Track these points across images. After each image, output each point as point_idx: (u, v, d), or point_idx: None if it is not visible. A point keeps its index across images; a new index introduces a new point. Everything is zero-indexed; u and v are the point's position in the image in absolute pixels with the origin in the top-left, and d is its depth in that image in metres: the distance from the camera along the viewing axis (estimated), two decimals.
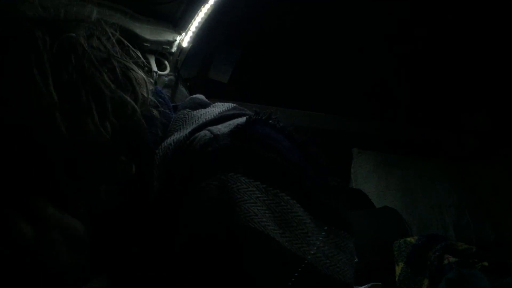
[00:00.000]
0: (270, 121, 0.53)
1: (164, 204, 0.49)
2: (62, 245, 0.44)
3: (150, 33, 1.34)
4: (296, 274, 0.43)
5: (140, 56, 0.55)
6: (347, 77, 2.08)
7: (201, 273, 0.45)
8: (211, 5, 1.33)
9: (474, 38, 1.98)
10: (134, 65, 0.52)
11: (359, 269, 1.50)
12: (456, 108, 2.26)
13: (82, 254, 0.45)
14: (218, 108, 0.58)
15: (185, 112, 0.57)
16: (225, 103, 0.60)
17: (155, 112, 0.54)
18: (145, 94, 0.51)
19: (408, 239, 1.55)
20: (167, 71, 1.45)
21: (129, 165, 0.48)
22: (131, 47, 0.54)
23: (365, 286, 1.33)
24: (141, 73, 0.52)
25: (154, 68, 1.39)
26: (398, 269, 1.49)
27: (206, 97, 0.63)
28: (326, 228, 0.47)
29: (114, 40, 0.51)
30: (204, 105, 0.60)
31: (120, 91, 0.47)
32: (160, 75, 1.43)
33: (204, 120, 0.53)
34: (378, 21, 1.88)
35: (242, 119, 0.51)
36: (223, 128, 0.50)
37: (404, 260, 1.49)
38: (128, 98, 0.48)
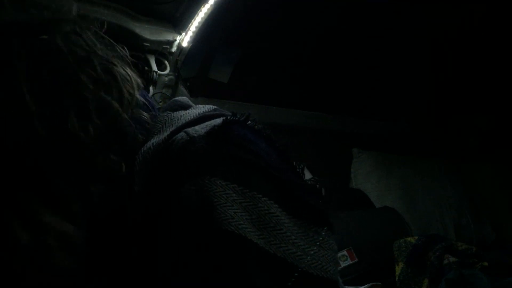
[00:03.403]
0: (248, 122, 0.53)
1: (148, 208, 0.49)
2: (57, 250, 0.44)
3: (150, 33, 1.34)
4: (276, 274, 0.43)
5: (126, 51, 0.53)
6: (347, 77, 2.08)
7: (191, 277, 0.45)
8: (211, 5, 1.33)
9: (474, 38, 1.98)
10: (120, 61, 0.51)
11: (359, 269, 1.50)
12: (456, 108, 2.27)
13: (78, 259, 0.45)
14: (199, 109, 0.57)
15: (165, 114, 0.56)
16: (207, 105, 0.60)
17: (146, 115, 0.53)
18: (131, 91, 0.50)
19: (408, 239, 1.55)
20: (167, 71, 1.45)
21: (119, 164, 0.47)
22: (114, 43, 0.52)
23: (365, 286, 1.33)
24: (126, 70, 0.50)
25: (154, 68, 1.39)
26: (398, 269, 1.49)
27: (206, 97, 0.63)
28: (305, 226, 0.47)
29: (93, 37, 0.49)
30: (185, 107, 0.59)
31: (101, 92, 0.46)
32: (160, 75, 1.43)
33: (184, 122, 0.53)
34: (379, 21, 1.88)
35: (219, 120, 0.51)
36: (200, 129, 0.50)
37: (404, 260, 1.49)
38: (109, 98, 0.46)
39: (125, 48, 0.53)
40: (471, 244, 1.62)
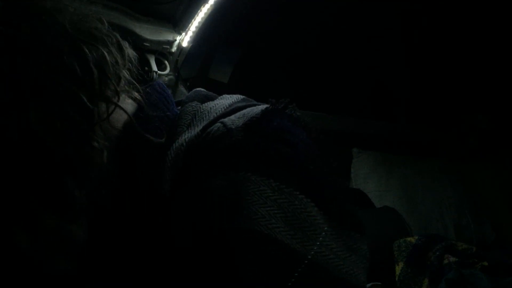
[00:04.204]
0: (287, 111, 0.51)
1: (168, 203, 0.48)
2: (57, 251, 0.43)
3: (150, 33, 1.34)
4: (308, 276, 0.42)
5: (104, 25, 0.49)
6: (347, 77, 2.08)
7: (205, 274, 0.44)
8: (211, 5, 1.33)
9: (474, 38, 1.98)
10: (98, 40, 0.47)
11: None
12: (456, 108, 2.26)
13: (78, 259, 0.44)
14: (227, 100, 0.55)
15: (193, 104, 0.54)
16: (233, 95, 0.58)
17: (138, 97, 0.50)
18: (112, 73, 0.46)
19: (408, 239, 1.55)
20: (167, 71, 1.45)
21: (100, 152, 0.44)
22: (95, 19, 0.48)
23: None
24: (103, 51, 0.46)
25: (154, 68, 1.39)
26: (398, 269, 1.49)
27: None
28: (339, 229, 0.45)
29: (68, 15, 0.45)
30: (211, 98, 0.57)
31: (68, 81, 0.42)
32: (160, 75, 1.43)
33: (215, 115, 0.51)
34: (379, 21, 1.88)
35: (257, 110, 0.49)
36: (236, 120, 0.48)
37: (404, 260, 1.49)
38: (76, 88, 0.42)
39: (104, 21, 0.49)
40: (471, 244, 1.62)
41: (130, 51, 0.51)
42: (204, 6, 1.33)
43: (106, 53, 0.46)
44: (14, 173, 0.40)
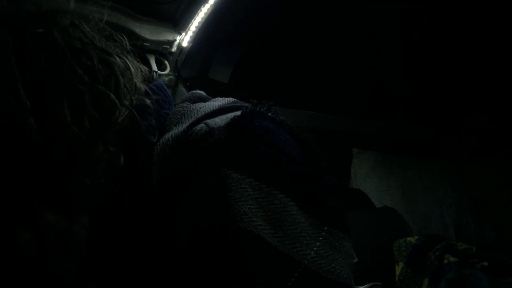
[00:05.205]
0: (269, 114, 0.52)
1: (162, 201, 0.48)
2: (59, 249, 0.43)
3: (150, 33, 1.34)
4: (288, 274, 0.42)
5: (125, 41, 0.52)
6: (347, 77, 2.08)
7: (197, 271, 0.44)
8: (211, 5, 1.33)
9: (474, 38, 1.98)
10: (119, 51, 0.50)
11: (359, 269, 1.50)
12: (456, 108, 2.26)
13: (79, 257, 0.45)
14: (218, 102, 0.57)
15: (184, 105, 0.56)
16: (226, 98, 0.59)
17: (148, 102, 0.52)
18: (130, 81, 0.49)
19: (408, 239, 1.55)
20: (167, 71, 1.45)
21: (117, 155, 0.46)
22: (114, 33, 0.51)
23: (365, 286, 1.32)
24: (125, 60, 0.49)
25: (154, 68, 1.39)
26: (398, 269, 1.49)
27: None
28: (320, 227, 0.46)
29: (93, 28, 0.48)
30: (203, 99, 0.59)
31: (96, 83, 0.44)
32: (160, 75, 1.43)
33: (203, 113, 0.52)
34: (379, 21, 1.88)
35: (239, 111, 0.50)
36: (219, 121, 0.49)
37: (404, 260, 1.49)
38: (105, 89, 0.45)
39: (125, 37, 0.52)
40: (471, 244, 1.62)
41: (141, 65, 0.53)
42: (204, 6, 1.33)
43: (130, 65, 0.48)
44: (15, 172, 0.40)
